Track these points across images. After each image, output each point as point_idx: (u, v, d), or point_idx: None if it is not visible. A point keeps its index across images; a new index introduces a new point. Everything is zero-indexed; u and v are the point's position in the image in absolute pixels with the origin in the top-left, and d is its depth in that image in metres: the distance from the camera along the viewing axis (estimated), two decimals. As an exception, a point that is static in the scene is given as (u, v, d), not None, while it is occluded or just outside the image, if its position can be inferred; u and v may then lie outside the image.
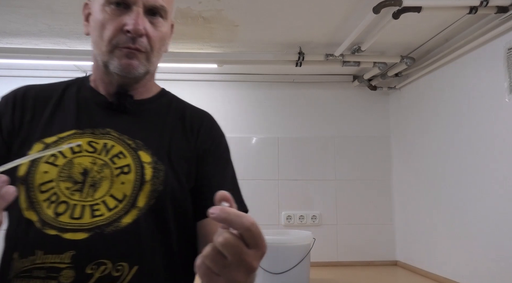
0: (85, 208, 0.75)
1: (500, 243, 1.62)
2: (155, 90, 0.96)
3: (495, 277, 1.64)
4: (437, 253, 2.07)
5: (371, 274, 2.25)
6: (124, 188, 0.78)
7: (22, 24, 1.86)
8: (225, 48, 2.18)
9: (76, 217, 0.74)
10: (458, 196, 1.90)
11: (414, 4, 1.54)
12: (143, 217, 0.77)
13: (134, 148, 0.83)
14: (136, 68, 0.82)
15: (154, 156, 0.83)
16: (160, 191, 0.79)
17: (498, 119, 1.65)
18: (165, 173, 0.81)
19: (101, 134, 0.83)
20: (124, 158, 0.81)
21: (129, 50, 0.81)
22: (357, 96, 2.66)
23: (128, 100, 0.88)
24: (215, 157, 0.90)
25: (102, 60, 0.84)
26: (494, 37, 1.66)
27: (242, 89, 2.62)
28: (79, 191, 0.76)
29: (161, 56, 0.91)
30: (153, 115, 0.90)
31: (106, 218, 0.75)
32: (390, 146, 2.62)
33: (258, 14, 1.78)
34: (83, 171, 0.78)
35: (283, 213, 2.50)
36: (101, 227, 0.74)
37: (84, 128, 0.83)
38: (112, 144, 0.82)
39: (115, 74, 0.84)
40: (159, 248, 0.79)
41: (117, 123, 0.85)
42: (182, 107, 0.95)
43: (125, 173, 0.79)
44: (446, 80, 2.03)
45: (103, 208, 0.76)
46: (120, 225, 0.75)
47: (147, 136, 0.85)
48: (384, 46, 2.14)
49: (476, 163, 1.77)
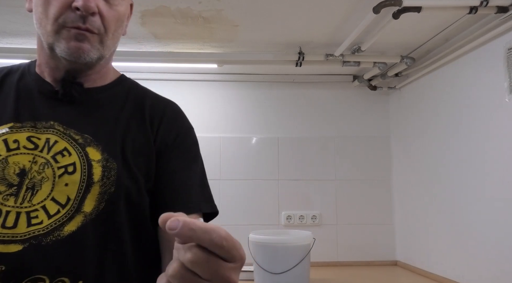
0: (20, 215, 0.64)
1: (500, 243, 1.62)
2: (112, 78, 0.84)
3: (495, 277, 1.64)
4: (437, 253, 2.07)
5: (371, 274, 2.25)
6: (67, 190, 0.67)
7: (22, 24, 1.86)
8: (225, 48, 2.18)
9: (9, 226, 0.63)
10: (458, 196, 1.90)
11: (414, 4, 1.54)
12: (90, 224, 0.67)
13: (81, 144, 0.71)
14: (87, 52, 0.71)
15: (104, 152, 0.72)
16: (111, 193, 0.69)
17: (498, 119, 1.65)
18: (117, 172, 0.71)
19: (44, 128, 0.72)
20: (69, 156, 0.70)
21: (79, 31, 0.69)
22: (357, 96, 2.66)
23: (76, 88, 0.76)
24: (179, 151, 0.79)
25: (47, 42, 0.72)
26: (494, 37, 1.66)
27: (242, 89, 2.62)
28: (14, 195, 0.65)
29: (118, 40, 0.79)
30: (106, 106, 0.78)
31: (45, 226, 0.65)
32: (390, 146, 2.62)
33: (258, 14, 1.78)
34: (19, 171, 0.67)
35: (283, 213, 2.50)
36: (38, 237, 0.64)
37: (24, 121, 0.72)
38: (55, 139, 0.71)
39: (62, 59, 0.72)
40: (110, 260, 0.68)
41: (63, 115, 0.74)
42: (141, 96, 0.83)
43: (69, 173, 0.68)
44: (446, 80, 2.03)
45: (42, 214, 0.65)
46: (62, 233, 0.65)
47: (97, 130, 0.74)
48: (384, 46, 2.14)
49: (476, 163, 1.77)
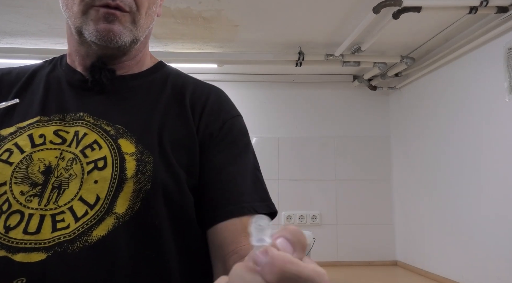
0: (44, 218, 0.56)
1: (499, 243, 1.62)
2: (149, 64, 0.75)
3: (495, 276, 1.64)
4: (437, 253, 2.07)
5: (371, 274, 2.25)
6: (97, 188, 0.59)
7: (22, 24, 1.86)
8: (225, 48, 2.18)
9: (31, 232, 0.55)
10: (458, 196, 1.90)
11: (414, 4, 1.54)
12: (123, 227, 0.57)
13: (113, 135, 0.63)
14: (119, 34, 0.63)
15: (139, 144, 0.63)
16: (147, 191, 0.60)
17: (498, 119, 1.65)
18: (153, 166, 0.61)
19: (73, 121, 0.65)
20: (99, 149, 0.62)
21: (108, 11, 0.62)
22: (357, 96, 2.66)
23: (106, 75, 0.67)
24: (226, 143, 0.68)
25: (75, 25, 0.64)
26: (494, 37, 1.67)
27: (242, 89, 2.62)
28: (38, 196, 0.58)
29: (153, 20, 0.71)
30: (142, 94, 0.70)
31: (72, 231, 0.56)
32: (390, 146, 2.62)
33: (258, 14, 1.78)
34: (45, 169, 0.60)
35: (283, 213, 2.50)
36: (64, 244, 0.55)
37: (52, 114, 0.65)
38: (84, 132, 0.63)
39: (92, 44, 0.65)
40: (147, 270, 0.58)
41: (93, 105, 0.66)
42: (181, 82, 0.73)
43: (99, 168, 0.60)
44: (446, 80, 2.03)
45: (69, 217, 0.57)
46: (90, 239, 0.56)
47: (131, 120, 0.65)
48: (384, 46, 2.14)
49: (476, 163, 1.77)
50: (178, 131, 0.66)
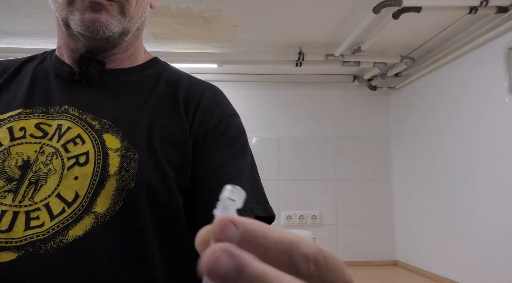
0: (17, 216, 0.53)
1: (499, 242, 1.62)
2: (143, 59, 0.72)
3: (495, 276, 1.64)
4: (437, 253, 2.07)
5: (371, 274, 2.25)
6: (77, 184, 0.55)
7: (22, 24, 1.86)
8: (225, 48, 2.18)
9: (3, 230, 0.52)
10: (458, 196, 1.90)
11: (414, 4, 1.54)
12: (103, 228, 0.54)
13: (97, 130, 0.60)
14: (105, 25, 0.60)
15: (125, 140, 0.59)
16: (130, 189, 0.56)
17: (498, 119, 1.65)
18: (139, 164, 0.57)
19: (57, 114, 0.61)
20: (82, 144, 0.58)
21: (93, 0, 0.59)
22: (357, 96, 2.66)
23: (95, 67, 0.64)
24: (222, 142, 0.64)
25: (61, 17, 0.62)
26: (494, 37, 1.67)
27: (242, 89, 2.62)
28: (13, 192, 0.54)
29: (145, 11, 0.67)
30: (133, 89, 0.66)
31: (46, 229, 0.52)
32: (390, 146, 2.62)
33: (258, 14, 1.78)
34: (22, 163, 0.56)
35: (283, 213, 2.50)
36: (36, 244, 0.51)
37: (35, 106, 0.62)
38: (68, 125, 0.60)
39: (79, 35, 0.62)
40: (128, 275, 0.54)
41: (80, 99, 0.63)
42: (176, 79, 0.70)
43: (80, 164, 0.56)
44: (446, 80, 2.03)
45: (44, 214, 0.53)
46: (65, 239, 0.52)
47: (118, 115, 0.62)
48: (384, 46, 2.14)
49: (476, 163, 1.77)
50: (169, 128, 0.62)
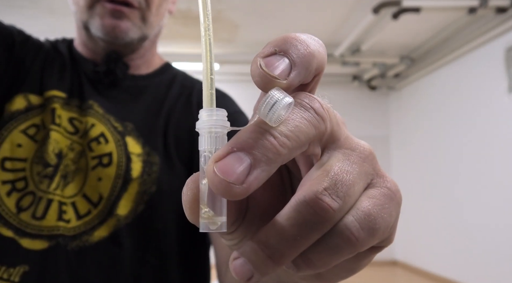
0: (51, 204, 0.54)
1: (499, 242, 1.62)
2: (157, 65, 0.74)
3: (495, 277, 1.64)
4: (437, 252, 2.07)
5: (371, 274, 2.26)
6: (100, 186, 0.56)
7: (23, 25, 1.86)
8: (225, 48, 2.18)
9: (38, 217, 0.53)
10: (457, 196, 1.90)
11: (413, 5, 1.54)
12: (125, 230, 0.55)
13: (121, 132, 0.60)
14: (126, 31, 0.61)
15: (146, 145, 0.61)
16: (152, 193, 0.57)
17: (497, 119, 1.65)
18: (160, 168, 0.59)
19: (87, 109, 0.62)
20: (105, 143, 0.58)
21: (114, 7, 0.59)
22: (356, 96, 2.67)
23: (121, 68, 0.65)
24: None
25: (81, 20, 0.63)
26: (493, 37, 1.67)
27: (242, 89, 2.62)
28: (48, 178, 0.55)
29: (163, 18, 0.68)
30: (150, 95, 0.67)
31: (73, 228, 0.54)
32: (390, 146, 2.63)
33: (258, 15, 1.78)
34: (58, 152, 0.57)
35: (283, 213, 2.50)
36: (66, 238, 0.53)
37: (73, 96, 0.63)
38: (92, 123, 0.60)
39: (99, 40, 0.63)
40: (148, 276, 0.56)
41: (103, 98, 0.64)
42: (190, 84, 0.72)
43: (103, 165, 0.57)
44: (445, 81, 2.04)
45: (71, 212, 0.55)
46: (90, 239, 0.54)
47: (139, 121, 0.63)
48: (383, 46, 2.15)
49: (476, 163, 1.78)
50: (182, 125, 0.64)
